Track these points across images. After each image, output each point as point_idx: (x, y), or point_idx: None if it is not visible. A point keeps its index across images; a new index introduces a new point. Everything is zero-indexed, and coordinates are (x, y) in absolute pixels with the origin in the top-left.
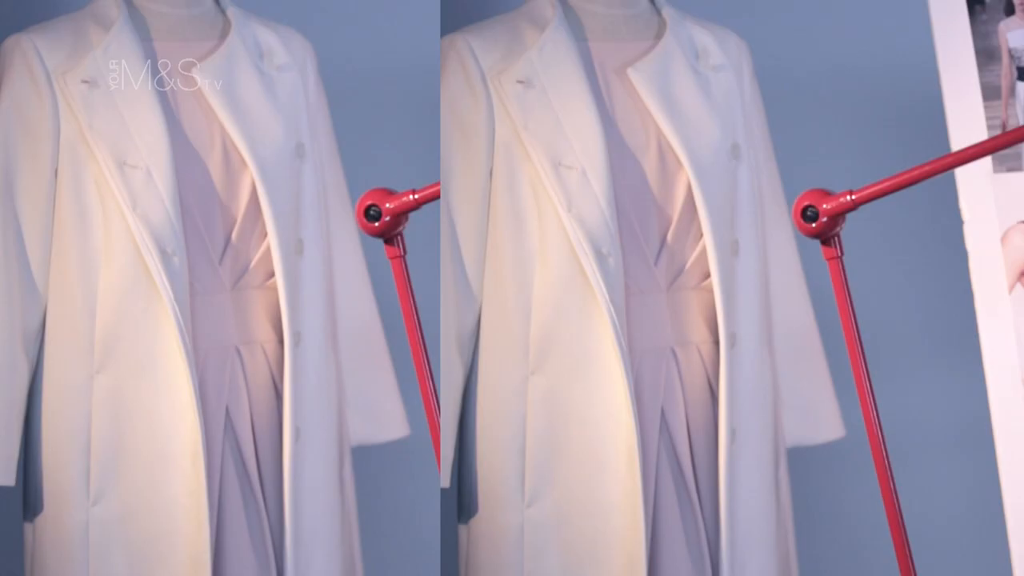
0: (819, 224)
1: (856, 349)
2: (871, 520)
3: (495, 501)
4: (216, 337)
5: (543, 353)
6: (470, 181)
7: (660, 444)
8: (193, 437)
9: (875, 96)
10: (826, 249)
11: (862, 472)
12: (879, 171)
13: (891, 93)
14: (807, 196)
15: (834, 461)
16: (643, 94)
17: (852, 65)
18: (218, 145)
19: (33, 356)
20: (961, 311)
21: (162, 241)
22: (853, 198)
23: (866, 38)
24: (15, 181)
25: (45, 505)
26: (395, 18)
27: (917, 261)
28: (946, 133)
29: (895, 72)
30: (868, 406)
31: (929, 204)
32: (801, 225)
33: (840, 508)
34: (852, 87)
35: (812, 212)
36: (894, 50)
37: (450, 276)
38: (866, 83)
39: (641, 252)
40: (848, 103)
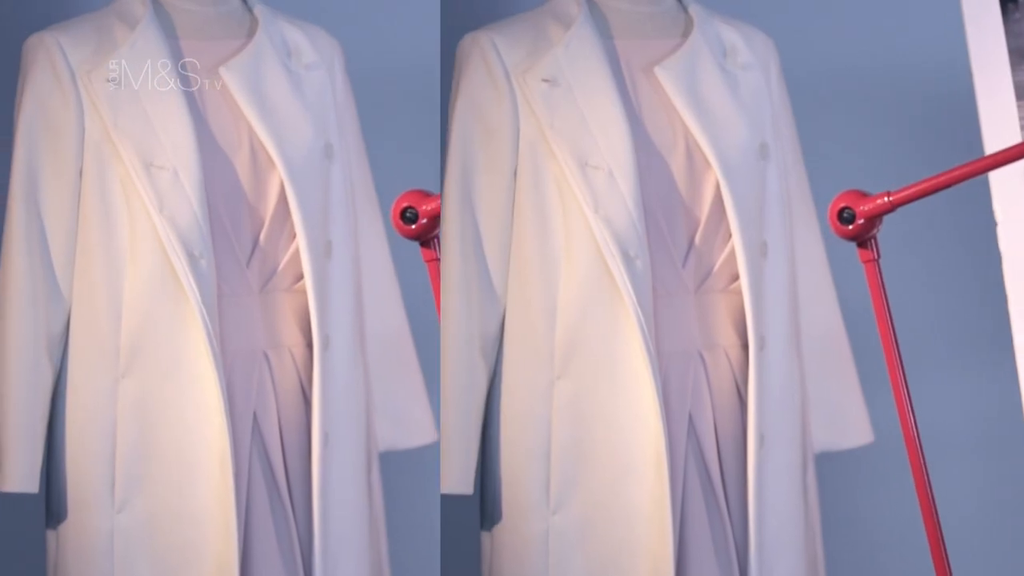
0: (856, 226)
1: (893, 353)
2: (898, 525)
3: (519, 508)
4: (244, 341)
5: (569, 357)
6: (494, 181)
7: (688, 449)
8: (220, 443)
9: (906, 95)
10: (862, 252)
11: (888, 476)
12: (910, 172)
13: (923, 92)
14: (843, 198)
15: (859, 465)
16: (670, 93)
17: (882, 64)
18: (245, 145)
19: (57, 360)
20: (994, 313)
21: (189, 243)
22: (890, 199)
23: (897, 37)
24: (39, 181)
25: (69, 512)
26: (395, 18)
27: (949, 263)
28: (979, 132)
29: (927, 71)
30: (905, 410)
31: (962, 206)
32: (837, 227)
33: (865, 513)
34: (882, 86)
35: (849, 214)
36: (926, 49)
37: (474, 277)
38: (897, 82)
39: (668, 254)
40: (878, 103)
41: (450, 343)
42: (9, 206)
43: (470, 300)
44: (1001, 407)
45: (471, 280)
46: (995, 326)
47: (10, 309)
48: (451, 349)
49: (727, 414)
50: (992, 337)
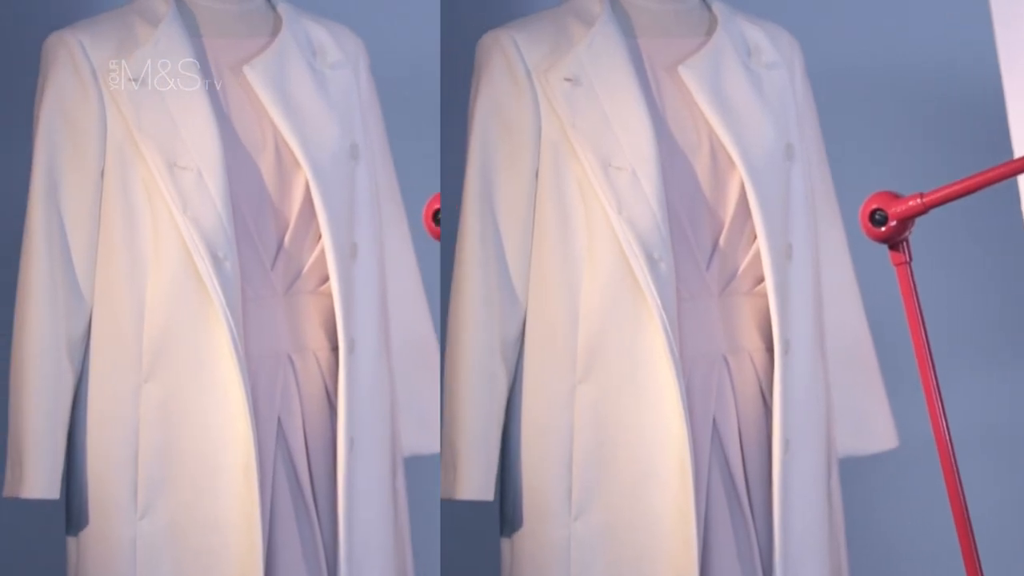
0: (888, 228)
1: (925, 357)
2: (922, 531)
3: (540, 514)
4: (268, 344)
5: (591, 361)
6: (514, 181)
7: (712, 455)
8: (245, 448)
9: (933, 96)
10: (894, 254)
11: (910, 481)
12: (937, 172)
13: (950, 93)
14: (875, 199)
15: (881, 470)
16: (695, 92)
17: (909, 64)
18: (270, 145)
19: (78, 364)
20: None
21: (213, 245)
22: (923, 201)
23: (925, 36)
24: (60, 182)
25: (90, 519)
26: (395, 18)
27: (976, 264)
28: (1007, 133)
29: (955, 71)
30: (937, 415)
31: (988, 208)
32: (869, 229)
33: (888, 519)
34: (908, 86)
35: (881, 216)
36: (953, 47)
37: (494, 279)
38: (923, 81)
39: (692, 256)
40: (903, 103)
41: (470, 347)
42: (29, 207)
43: (490, 303)
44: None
45: (491, 283)
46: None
47: (30, 312)
48: (471, 353)
49: (751, 419)
50: (1020, 340)
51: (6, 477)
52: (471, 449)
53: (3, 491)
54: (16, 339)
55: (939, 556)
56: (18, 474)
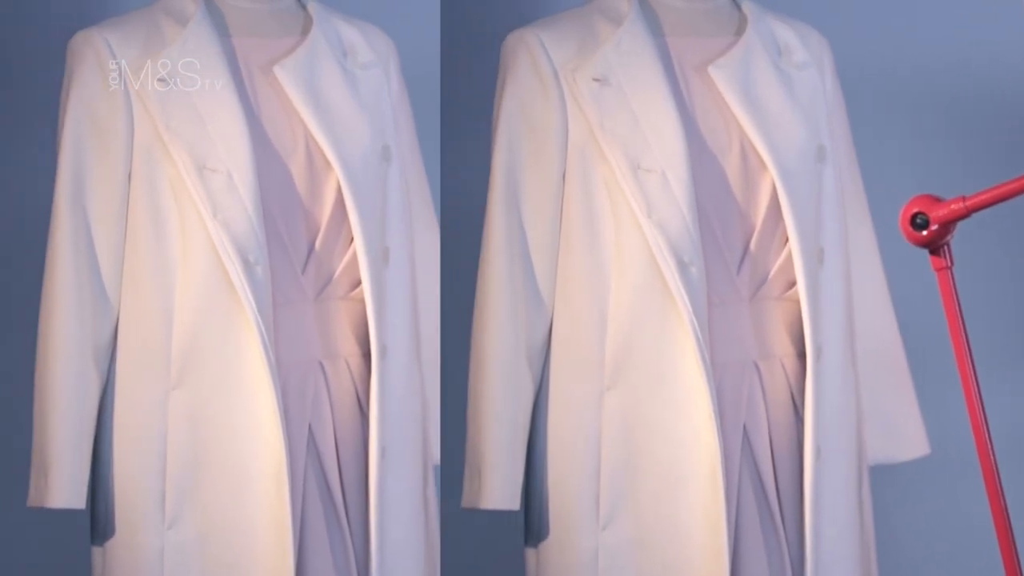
0: (930, 232)
1: (967, 364)
2: (953, 539)
3: (567, 524)
4: (299, 351)
5: (619, 367)
6: (541, 183)
7: (742, 463)
8: (275, 456)
9: (968, 94)
10: (935, 259)
11: (941, 489)
12: (974, 174)
13: (986, 90)
14: (916, 202)
15: (911, 478)
16: (725, 92)
17: (943, 62)
18: (301, 147)
19: (104, 371)
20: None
21: (244, 249)
22: (966, 204)
23: (959, 34)
24: (86, 185)
25: (117, 529)
26: (395, 18)
27: (1007, 269)
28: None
29: (990, 69)
30: (979, 422)
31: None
32: (910, 233)
33: (918, 527)
34: (943, 85)
35: (922, 220)
36: (989, 46)
37: (520, 283)
38: (958, 80)
39: (723, 260)
40: (939, 102)
41: (495, 352)
42: (55, 210)
43: (516, 307)
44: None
45: (517, 287)
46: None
47: (56, 318)
48: (496, 358)
49: (782, 426)
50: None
51: (31, 486)
52: (496, 457)
53: (28, 500)
54: (41, 345)
55: (970, 565)
56: (43, 483)
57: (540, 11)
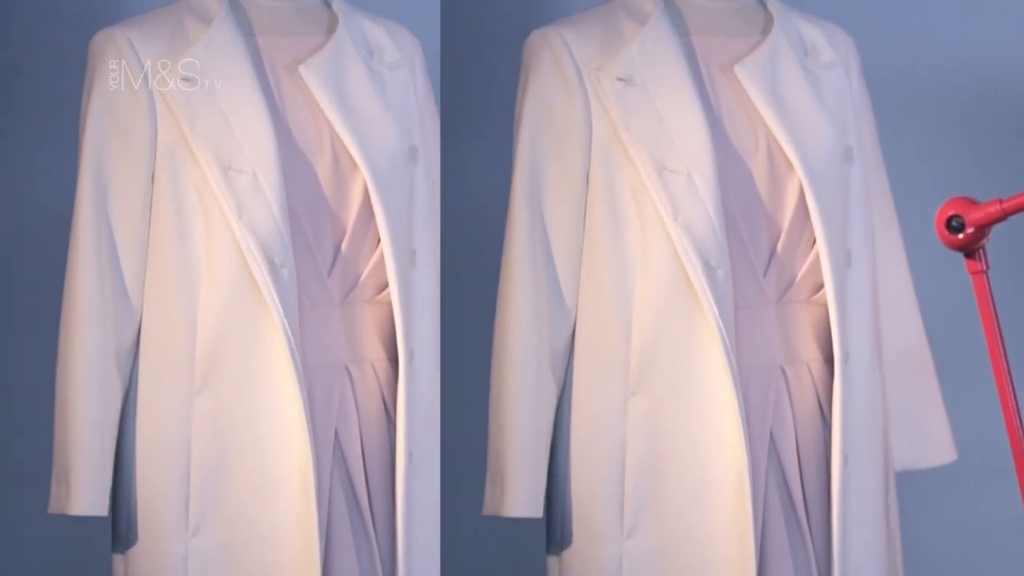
0: (965, 236)
1: (1002, 369)
2: (983, 546)
3: (591, 531)
4: (325, 355)
5: (644, 372)
6: (564, 185)
7: (768, 469)
8: (302, 462)
9: (996, 94)
10: (970, 263)
11: (965, 496)
12: (991, 174)
13: (1004, 90)
14: (951, 205)
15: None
16: (751, 92)
17: (970, 61)
18: (327, 147)
19: (126, 375)
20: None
21: (270, 252)
22: (1003, 207)
23: (977, 33)
24: (108, 186)
25: (139, 536)
26: (395, 18)
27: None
28: None
29: (1008, 68)
30: (1015, 427)
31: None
32: (945, 237)
33: (946, 534)
34: (961, 84)
35: (958, 223)
36: (1008, 45)
37: (543, 286)
38: (977, 80)
39: (749, 263)
40: (957, 101)
41: (517, 356)
42: (76, 212)
43: (539, 311)
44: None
45: (540, 290)
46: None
47: (77, 321)
48: (518, 363)
49: (809, 432)
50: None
51: (51, 493)
52: (519, 464)
53: (48, 507)
54: (62, 349)
55: (996, 572)
56: (64, 490)
57: (540, 11)
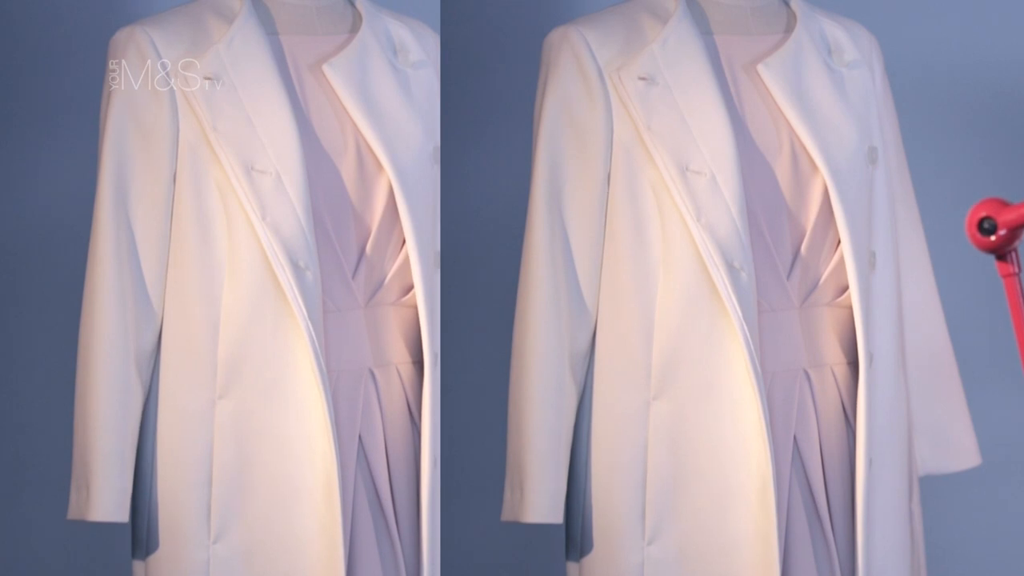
0: (998, 238)
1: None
2: (1006, 550)
3: (612, 538)
4: (349, 359)
5: (666, 376)
6: (585, 185)
7: (792, 475)
8: (326, 468)
9: (1014, 96)
10: (1001, 265)
11: (988, 500)
12: (1011, 176)
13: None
14: (983, 206)
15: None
16: (775, 92)
17: (995, 61)
18: (351, 147)
19: (147, 379)
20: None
21: (294, 254)
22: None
23: (1004, 35)
24: (129, 187)
25: (161, 543)
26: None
27: None
28: None
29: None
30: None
31: None
32: (976, 239)
33: (969, 539)
34: (989, 86)
35: (990, 224)
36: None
37: (563, 288)
38: (1005, 82)
39: (773, 265)
40: (986, 104)
41: (537, 360)
42: (96, 213)
43: (559, 314)
44: None
45: (560, 293)
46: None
47: (97, 324)
48: (538, 366)
49: (833, 436)
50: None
51: (71, 499)
52: (539, 469)
53: (68, 513)
54: (82, 353)
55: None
56: (84, 496)
57: (541, 11)
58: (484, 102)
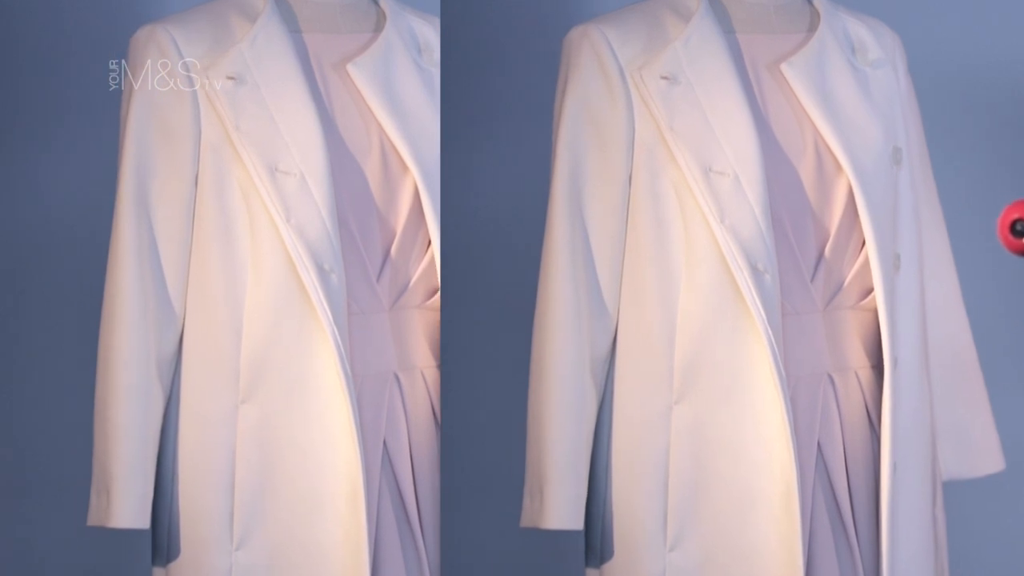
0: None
1: None
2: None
3: (633, 544)
4: (374, 363)
5: (689, 380)
6: (606, 186)
7: (816, 481)
8: (351, 474)
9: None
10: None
11: (1014, 506)
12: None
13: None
14: (1016, 208)
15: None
16: (798, 91)
17: (1009, 63)
18: (376, 148)
19: (168, 383)
20: None
21: (319, 256)
22: None
23: (1011, 33)
24: (150, 188)
25: (182, 550)
26: None
27: None
28: None
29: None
30: None
31: None
32: (1008, 241)
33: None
34: (1012, 87)
35: (1022, 227)
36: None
37: (583, 291)
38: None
39: (797, 267)
40: (1012, 102)
41: (557, 363)
42: (117, 214)
43: (579, 317)
44: None
45: (580, 295)
46: None
47: (118, 327)
48: (558, 370)
49: (857, 441)
50: None
51: (91, 505)
52: (559, 474)
53: (88, 519)
54: (102, 357)
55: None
56: (105, 502)
57: (542, 11)
58: (485, 102)
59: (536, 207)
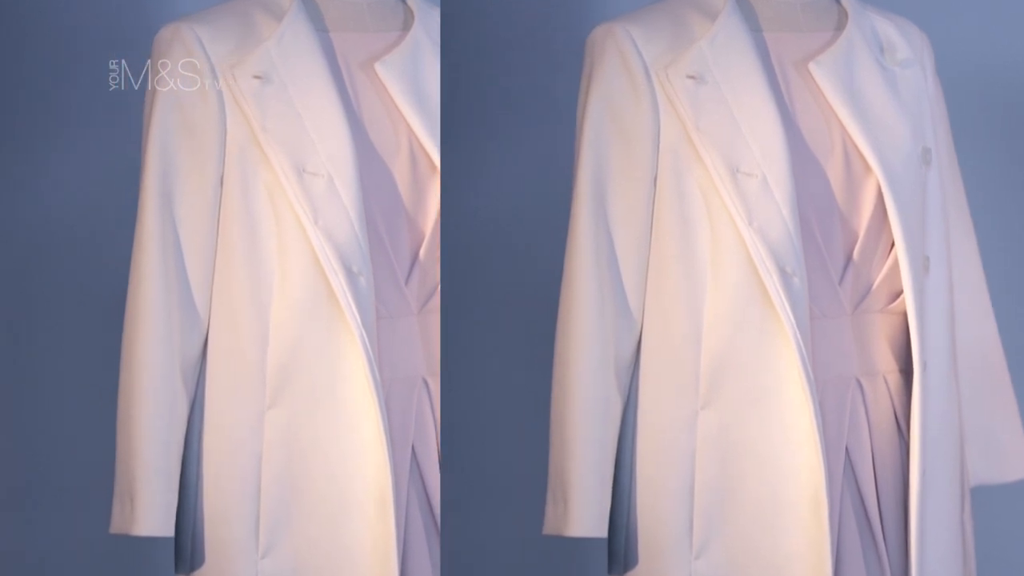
0: None
1: None
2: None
3: (657, 552)
4: (403, 367)
5: (715, 384)
6: (631, 187)
7: (844, 487)
8: (380, 480)
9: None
10: None
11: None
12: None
13: None
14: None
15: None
16: (827, 91)
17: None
18: (404, 148)
19: (193, 388)
20: None
21: (347, 259)
22: None
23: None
24: (174, 189)
25: (207, 558)
26: None
27: None
28: None
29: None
30: None
31: None
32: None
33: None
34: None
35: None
36: None
37: (608, 294)
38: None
39: (825, 270)
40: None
41: (581, 368)
42: (140, 215)
43: (604, 320)
44: None
45: (605, 298)
46: None
47: (142, 332)
48: (582, 374)
49: (885, 446)
50: None
51: (114, 512)
52: (583, 481)
53: (110, 527)
54: (125, 361)
55: None
56: (128, 509)
57: (543, 11)
58: (485, 101)
59: (537, 207)
